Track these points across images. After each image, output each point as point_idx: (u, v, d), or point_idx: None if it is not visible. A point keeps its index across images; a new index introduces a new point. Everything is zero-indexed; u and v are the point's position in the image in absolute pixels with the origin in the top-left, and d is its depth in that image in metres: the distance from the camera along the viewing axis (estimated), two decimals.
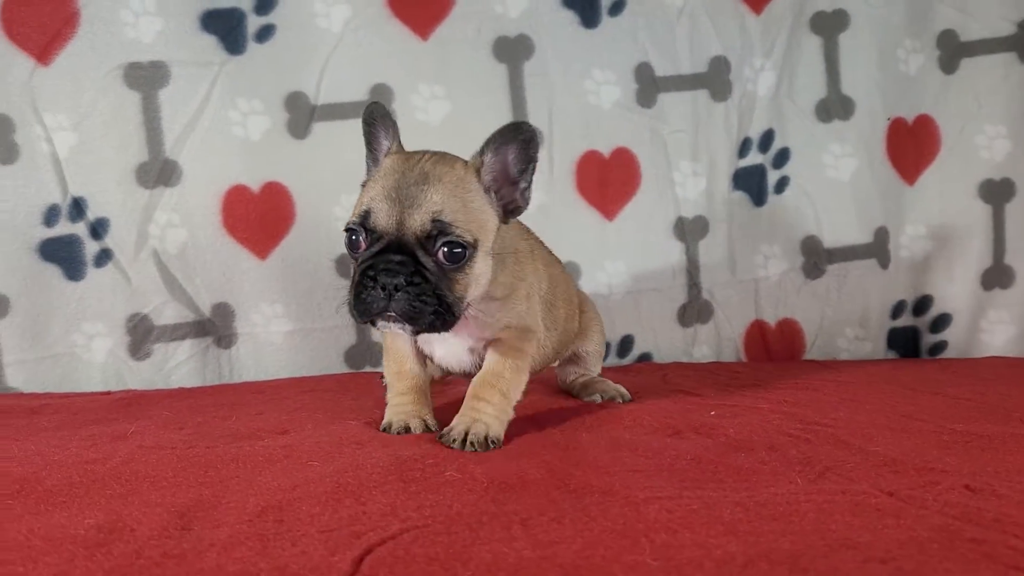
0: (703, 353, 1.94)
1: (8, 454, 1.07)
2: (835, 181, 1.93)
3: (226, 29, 1.71)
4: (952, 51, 1.94)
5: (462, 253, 1.03)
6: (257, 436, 1.19)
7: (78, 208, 1.69)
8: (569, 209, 1.86)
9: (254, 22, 1.73)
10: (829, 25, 1.92)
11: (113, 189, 1.70)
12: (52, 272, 1.68)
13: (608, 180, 1.87)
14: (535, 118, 1.83)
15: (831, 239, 1.94)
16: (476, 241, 1.04)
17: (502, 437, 1.12)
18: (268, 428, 1.23)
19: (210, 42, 1.71)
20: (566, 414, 1.32)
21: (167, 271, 1.72)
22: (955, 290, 1.97)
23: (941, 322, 1.98)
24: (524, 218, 1.58)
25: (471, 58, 1.80)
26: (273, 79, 1.74)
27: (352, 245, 1.07)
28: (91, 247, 1.69)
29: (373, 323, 1.06)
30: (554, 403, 1.41)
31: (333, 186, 1.77)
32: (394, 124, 1.15)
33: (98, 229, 1.70)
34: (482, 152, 1.08)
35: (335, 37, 1.75)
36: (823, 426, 1.21)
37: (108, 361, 1.71)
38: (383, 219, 1.03)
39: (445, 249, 1.02)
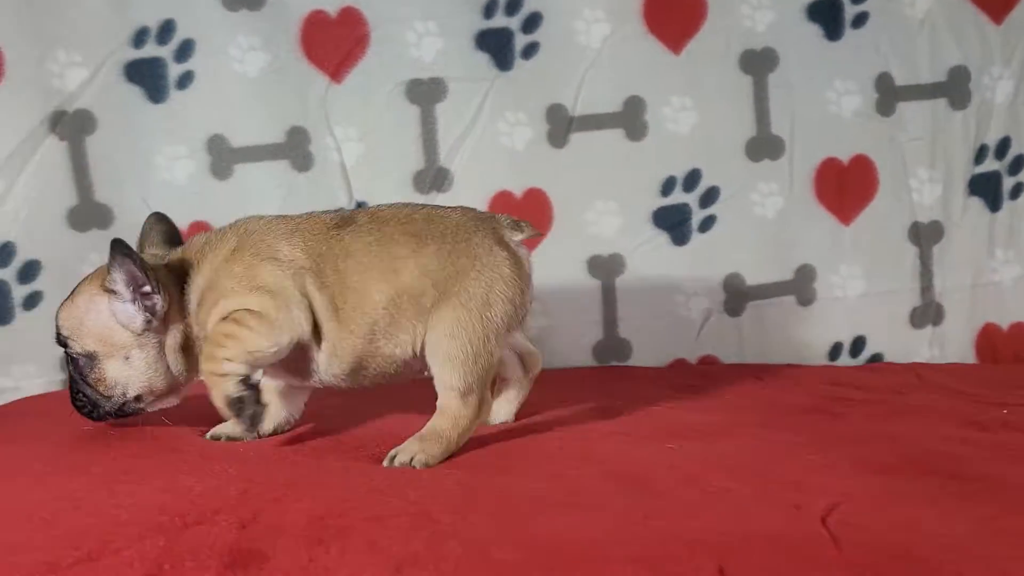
0: (933, 355, 1.99)
1: None
2: None
3: (497, 47, 1.85)
4: None
5: (84, 362, 1.17)
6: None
7: None
8: (807, 215, 1.94)
9: (521, 40, 1.86)
10: None
11: (392, 194, 1.84)
12: None
13: (846, 186, 1.94)
14: (777, 127, 1.92)
15: None
16: (94, 352, 1.17)
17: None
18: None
19: (483, 59, 1.85)
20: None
21: None
22: None
23: None
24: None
25: (719, 71, 1.90)
26: (536, 93, 1.88)
27: None
28: None
29: None
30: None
31: (587, 192, 1.89)
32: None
33: None
34: (104, 276, 1.16)
35: (594, 52, 1.87)
36: None
37: None
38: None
39: (75, 357, 1.18)
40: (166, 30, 1.77)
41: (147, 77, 1.77)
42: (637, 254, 1.91)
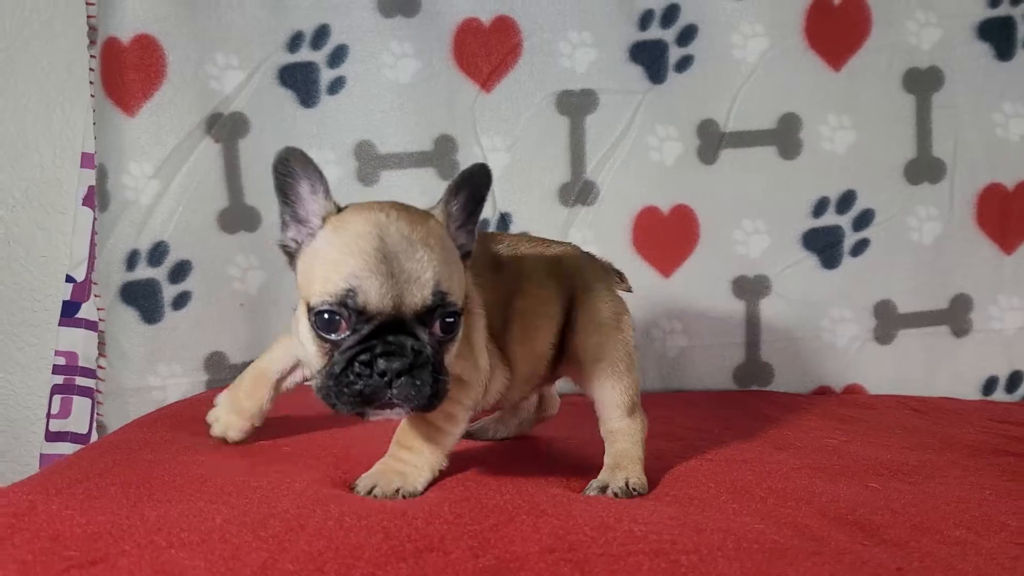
0: None
1: None
2: None
3: (651, 60, 1.81)
4: None
5: (455, 322, 0.93)
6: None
7: (503, 224, 1.83)
8: (966, 242, 1.86)
9: (675, 53, 1.82)
10: None
11: (536, 206, 1.83)
12: None
13: (1010, 213, 1.86)
14: (939, 149, 1.84)
15: None
16: (462, 304, 0.95)
17: (420, 491, 1.01)
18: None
19: (636, 72, 1.81)
20: None
21: None
22: None
23: None
24: None
25: (880, 89, 1.83)
26: (688, 107, 1.83)
27: (329, 327, 0.91)
28: None
29: (363, 414, 0.92)
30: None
31: (735, 210, 1.84)
32: (319, 174, 0.99)
33: None
34: (447, 201, 0.97)
35: (750, 67, 1.82)
36: None
37: None
38: (375, 298, 0.89)
39: (441, 321, 0.92)
40: (321, 35, 1.77)
41: (300, 81, 1.77)
42: (784, 276, 1.85)
